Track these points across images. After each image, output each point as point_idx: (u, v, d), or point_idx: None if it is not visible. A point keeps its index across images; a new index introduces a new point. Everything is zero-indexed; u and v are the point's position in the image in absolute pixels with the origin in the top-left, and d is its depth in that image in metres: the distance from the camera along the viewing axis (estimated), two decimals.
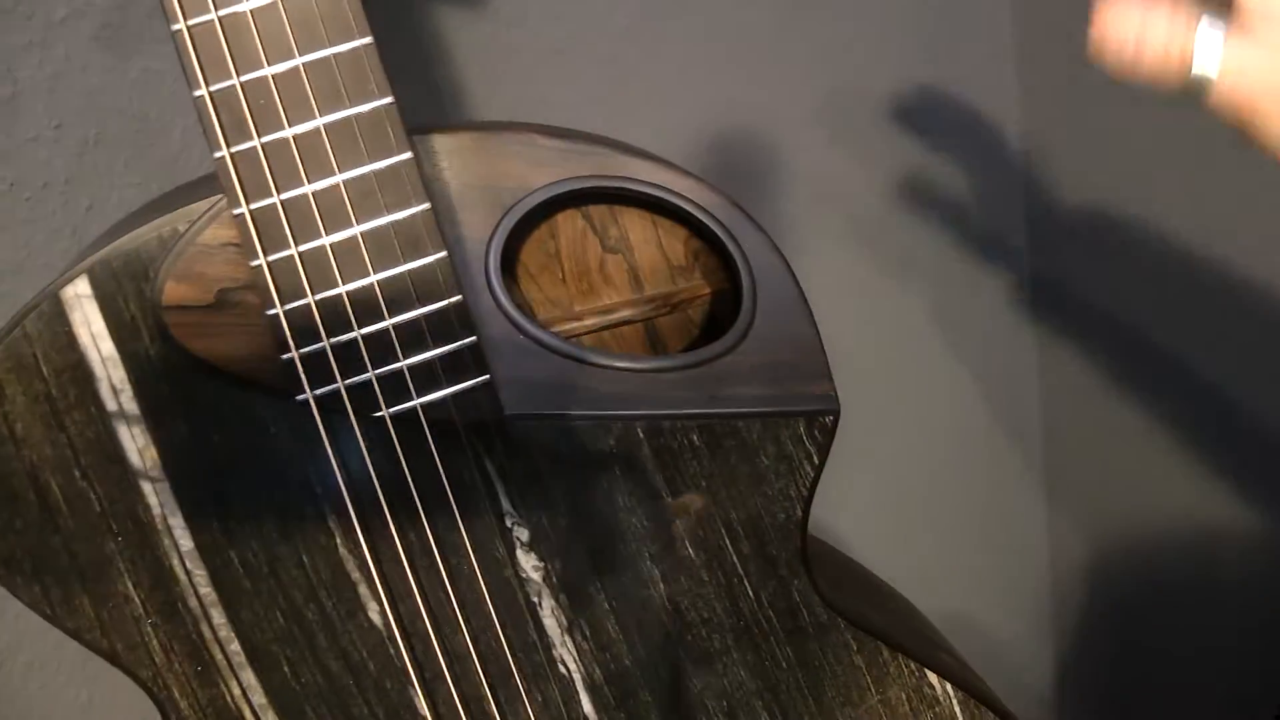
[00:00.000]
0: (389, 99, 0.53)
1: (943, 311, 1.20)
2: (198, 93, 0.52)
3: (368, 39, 0.52)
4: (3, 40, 0.72)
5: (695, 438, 0.59)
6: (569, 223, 0.66)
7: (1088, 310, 1.19)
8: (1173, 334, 1.10)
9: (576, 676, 0.61)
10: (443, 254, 0.55)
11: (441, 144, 0.59)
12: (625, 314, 0.68)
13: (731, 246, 0.62)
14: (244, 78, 0.51)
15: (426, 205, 0.54)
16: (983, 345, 1.23)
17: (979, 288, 1.21)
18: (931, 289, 1.18)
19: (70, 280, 0.54)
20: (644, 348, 0.69)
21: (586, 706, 0.62)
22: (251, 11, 0.51)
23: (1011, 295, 1.23)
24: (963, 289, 1.20)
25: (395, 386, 0.56)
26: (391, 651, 0.59)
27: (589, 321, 0.68)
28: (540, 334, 0.59)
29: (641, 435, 0.59)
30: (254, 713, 0.60)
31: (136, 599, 0.58)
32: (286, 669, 0.59)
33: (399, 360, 0.55)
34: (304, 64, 0.52)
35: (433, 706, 0.60)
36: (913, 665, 0.64)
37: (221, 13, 0.51)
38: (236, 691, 0.59)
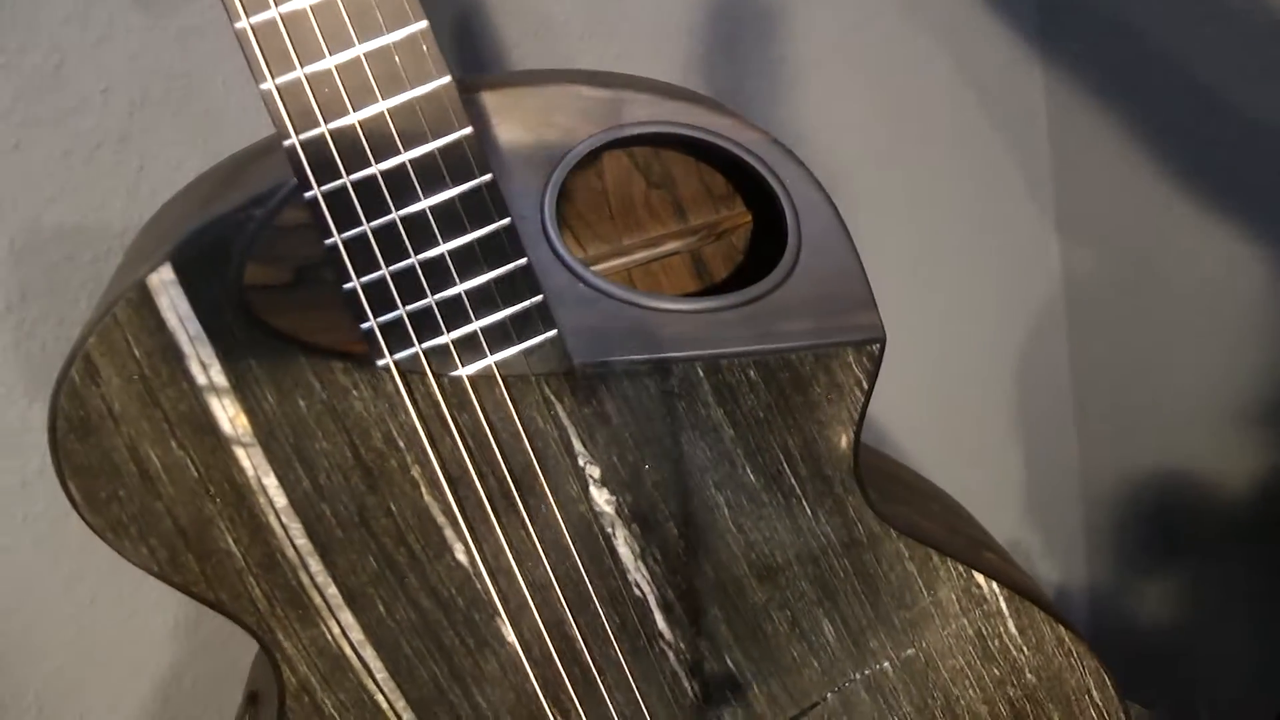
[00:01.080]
0: (446, 78, 0.55)
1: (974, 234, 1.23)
2: (264, 85, 0.54)
3: (423, 23, 0.54)
4: (45, 13, 0.73)
5: (751, 373, 0.63)
6: (614, 162, 0.69)
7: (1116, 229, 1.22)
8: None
9: (650, 598, 0.66)
10: (507, 220, 0.58)
11: (490, 101, 0.61)
12: (672, 245, 0.71)
13: (773, 182, 0.64)
14: (308, 69, 0.54)
15: (488, 176, 0.57)
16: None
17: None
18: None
19: (155, 268, 0.57)
20: (691, 276, 0.72)
21: (661, 624, 0.66)
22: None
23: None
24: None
25: (470, 346, 0.59)
26: (478, 586, 0.64)
27: (638, 255, 0.70)
28: (599, 282, 0.62)
29: (701, 374, 0.62)
30: (353, 648, 0.64)
31: (237, 553, 0.62)
32: (381, 608, 0.64)
33: (472, 322, 0.59)
34: (364, 52, 0.54)
35: (519, 633, 0.65)
36: (960, 567, 0.68)
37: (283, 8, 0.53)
38: (336, 631, 0.64)
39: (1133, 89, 1.12)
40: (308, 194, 0.56)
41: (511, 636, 0.65)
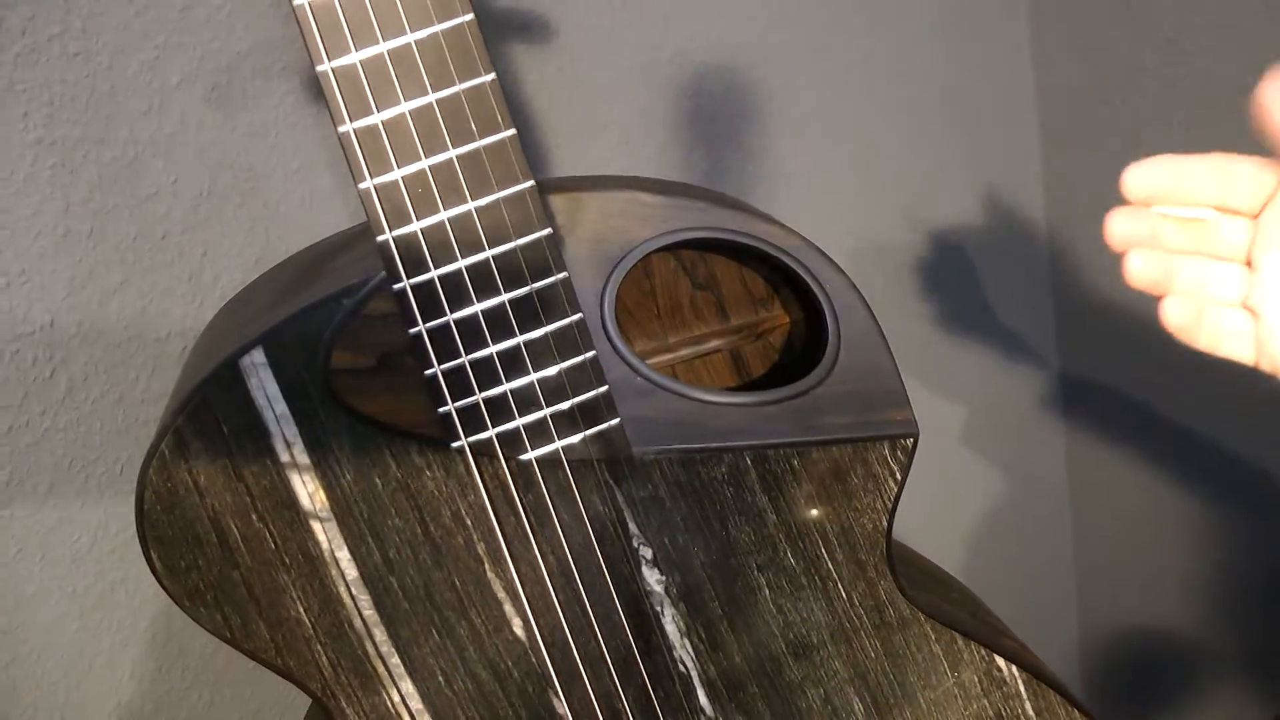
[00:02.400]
0: (530, 183, 0.60)
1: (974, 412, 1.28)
2: (362, 185, 0.58)
3: (512, 131, 0.59)
4: (126, 106, 0.78)
5: (795, 462, 0.67)
6: (663, 264, 0.74)
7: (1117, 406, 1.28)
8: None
9: (693, 673, 0.69)
10: (578, 316, 0.62)
11: (556, 202, 0.66)
12: (714, 344, 0.75)
13: (815, 286, 0.69)
14: (404, 170, 0.58)
15: (564, 274, 0.62)
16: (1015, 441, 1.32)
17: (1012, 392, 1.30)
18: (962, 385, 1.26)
19: (247, 350, 0.61)
20: (731, 372, 0.77)
21: (702, 699, 0.70)
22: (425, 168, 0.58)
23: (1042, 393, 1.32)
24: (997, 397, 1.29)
25: (539, 431, 0.63)
26: (533, 660, 0.67)
27: (682, 352, 0.75)
28: (654, 375, 0.66)
29: (749, 463, 0.67)
30: (411, 716, 0.67)
31: (307, 622, 0.65)
32: (440, 678, 0.67)
33: (542, 408, 0.63)
34: (457, 156, 0.59)
35: (570, 706, 0.68)
36: (983, 650, 0.72)
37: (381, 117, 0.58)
38: (396, 699, 0.67)
39: None
40: (396, 286, 0.60)
41: (564, 709, 0.68)
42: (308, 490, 0.63)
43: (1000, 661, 0.73)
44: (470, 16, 0.58)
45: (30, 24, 0.74)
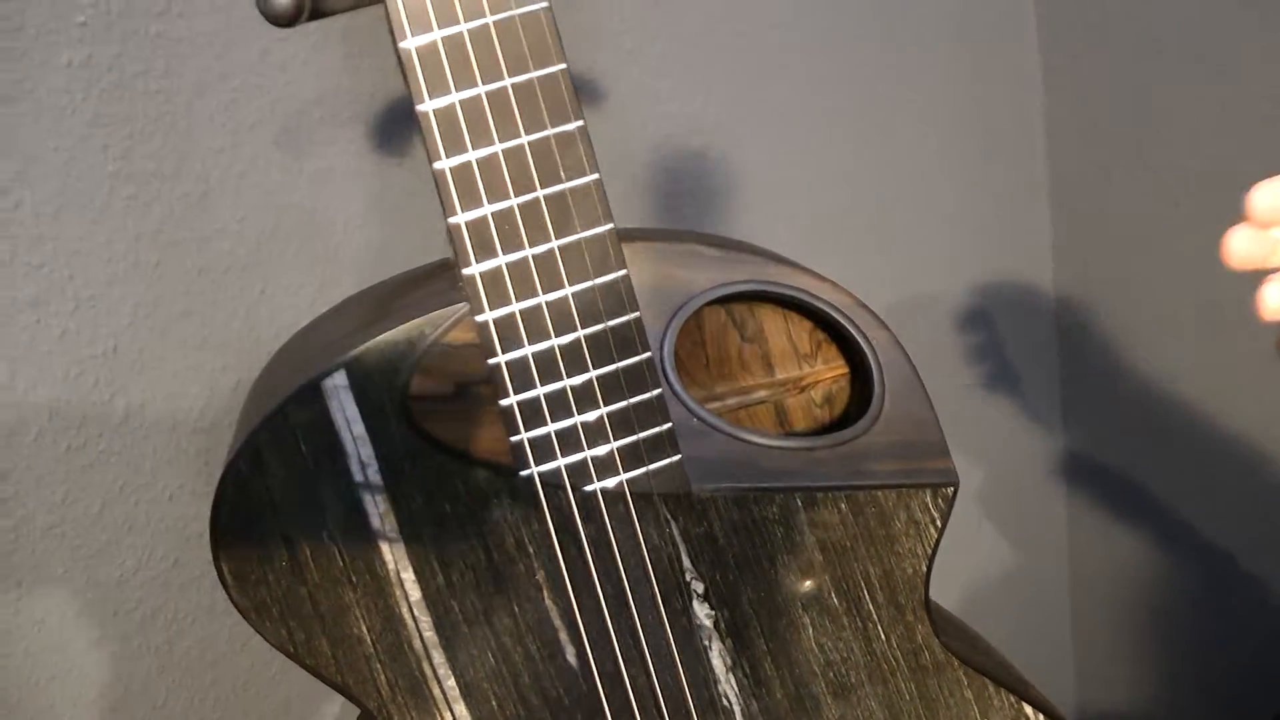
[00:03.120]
0: (610, 225, 0.63)
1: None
2: (453, 219, 0.62)
3: (596, 175, 0.63)
4: (200, 144, 0.81)
5: (843, 505, 0.70)
6: (713, 317, 0.77)
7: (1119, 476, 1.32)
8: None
9: (736, 709, 0.72)
10: (648, 354, 0.65)
11: (624, 250, 0.70)
12: (760, 395, 0.79)
13: (862, 341, 0.73)
14: (493, 207, 0.62)
15: (637, 314, 0.65)
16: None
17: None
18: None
19: (330, 373, 0.64)
20: (773, 423, 0.80)
21: None
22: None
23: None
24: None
25: (605, 464, 0.66)
26: (584, 688, 0.69)
27: (729, 401, 0.78)
28: (710, 418, 0.69)
29: (799, 504, 0.70)
30: None
31: (369, 640, 0.67)
32: (494, 703, 0.69)
33: (610, 442, 0.66)
34: (544, 195, 0.62)
35: None
36: (1012, 698, 0.75)
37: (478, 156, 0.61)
38: None
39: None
40: (479, 318, 0.63)
41: None
42: (379, 511, 0.66)
43: (1028, 709, 0.75)
44: (564, 65, 0.62)
45: (117, 61, 0.77)
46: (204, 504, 0.86)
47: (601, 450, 0.66)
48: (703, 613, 0.70)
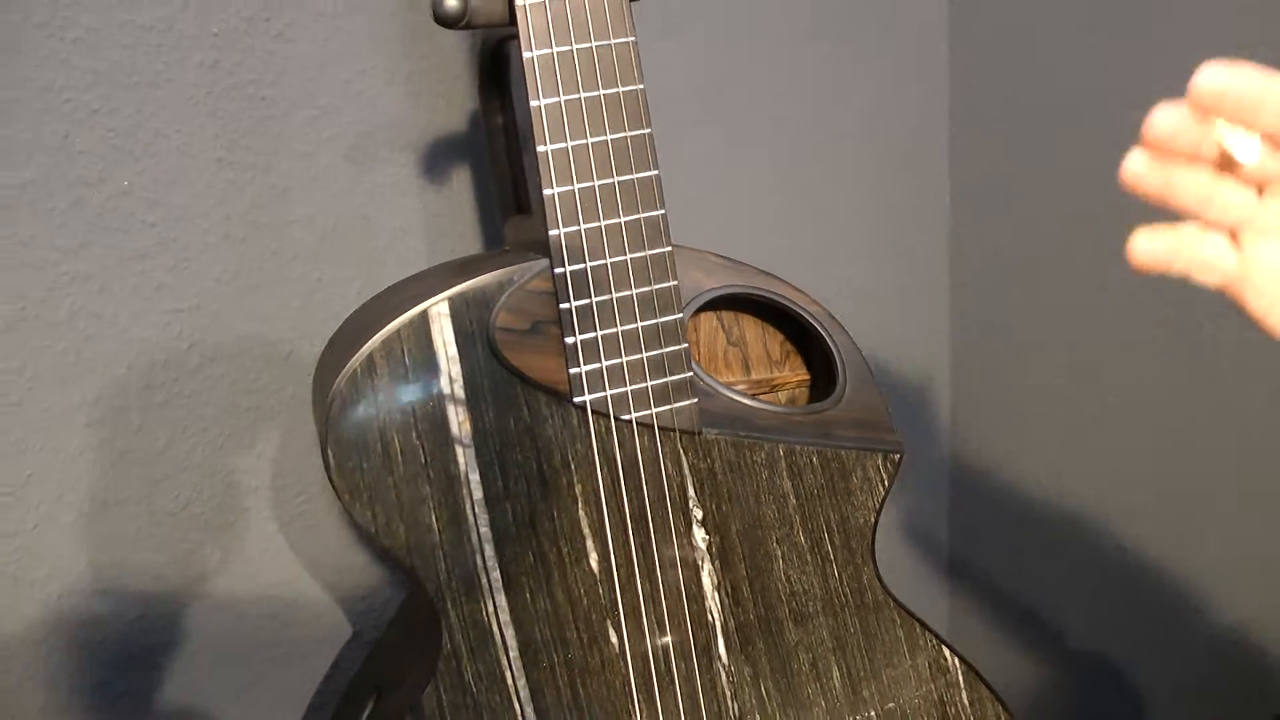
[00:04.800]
0: (663, 210, 0.82)
1: None
2: (548, 192, 0.79)
3: (657, 171, 0.82)
4: (289, 147, 0.97)
5: (815, 459, 0.88)
6: (707, 321, 0.96)
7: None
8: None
9: (717, 624, 0.87)
10: (680, 315, 0.83)
11: None
12: (738, 389, 0.97)
13: (829, 340, 0.92)
14: (578, 186, 0.80)
15: (676, 282, 0.83)
16: None
17: None
18: None
19: (435, 303, 0.80)
20: None
21: (721, 648, 0.88)
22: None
23: None
24: None
25: (640, 398, 0.83)
26: (600, 591, 0.84)
27: None
28: (715, 383, 0.87)
29: (781, 454, 0.87)
30: (499, 627, 0.83)
31: (436, 530, 0.81)
32: (528, 595, 0.84)
33: (645, 381, 0.83)
34: (618, 181, 0.81)
35: (619, 637, 0.85)
36: (935, 640, 0.92)
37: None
38: (490, 609, 0.83)
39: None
40: (558, 270, 0.80)
41: (614, 638, 0.85)
42: (458, 419, 0.81)
43: (946, 652, 0.93)
44: (641, 85, 0.81)
45: (237, 68, 0.94)
46: (246, 456, 1.00)
47: (638, 387, 0.83)
48: (699, 536, 0.86)
